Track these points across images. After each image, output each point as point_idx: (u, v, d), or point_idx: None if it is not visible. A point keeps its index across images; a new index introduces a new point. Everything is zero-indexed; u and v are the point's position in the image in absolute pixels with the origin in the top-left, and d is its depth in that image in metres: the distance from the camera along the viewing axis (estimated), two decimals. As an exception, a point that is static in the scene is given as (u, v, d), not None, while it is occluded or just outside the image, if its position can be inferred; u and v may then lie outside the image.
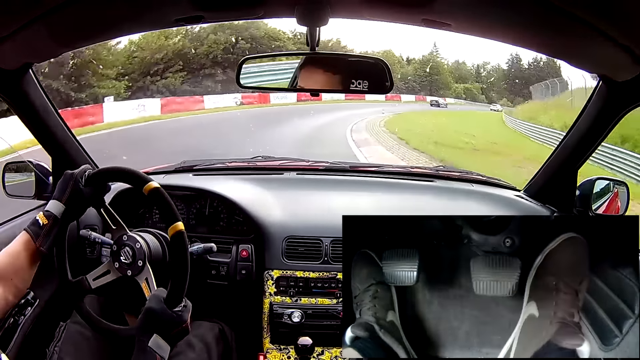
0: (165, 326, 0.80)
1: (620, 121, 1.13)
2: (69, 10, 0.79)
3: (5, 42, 0.84)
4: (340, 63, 0.97)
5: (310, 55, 0.96)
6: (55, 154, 1.33)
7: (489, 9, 0.81)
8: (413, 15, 0.89)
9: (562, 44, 0.89)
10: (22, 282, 0.85)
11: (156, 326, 0.80)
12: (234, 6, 0.91)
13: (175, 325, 0.81)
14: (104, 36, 1.04)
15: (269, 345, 1.24)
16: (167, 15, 0.91)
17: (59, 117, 1.28)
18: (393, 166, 1.70)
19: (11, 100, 1.13)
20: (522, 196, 1.51)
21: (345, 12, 0.94)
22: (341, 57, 0.97)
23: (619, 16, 0.70)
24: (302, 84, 0.98)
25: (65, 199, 0.88)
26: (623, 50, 0.79)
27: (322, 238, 1.27)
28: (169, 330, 0.81)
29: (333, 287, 1.25)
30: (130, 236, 0.95)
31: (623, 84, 0.99)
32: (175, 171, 1.60)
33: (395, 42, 67.48)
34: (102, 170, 0.94)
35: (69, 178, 0.90)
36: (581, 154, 1.27)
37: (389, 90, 0.94)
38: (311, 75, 0.97)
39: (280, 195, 1.46)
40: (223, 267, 1.29)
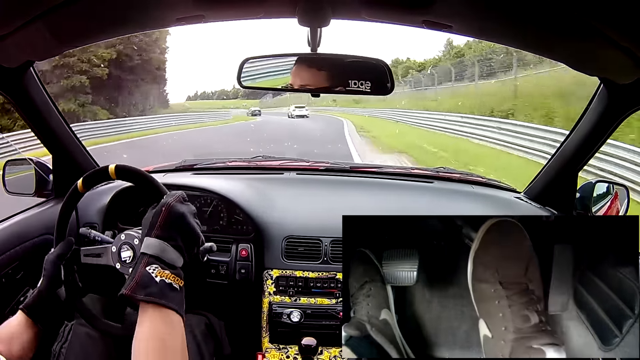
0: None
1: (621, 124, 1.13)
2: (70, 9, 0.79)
3: (7, 39, 0.84)
4: (341, 64, 0.96)
5: (311, 55, 0.97)
6: (55, 151, 1.33)
7: (490, 11, 0.82)
8: (414, 16, 0.89)
9: (563, 46, 0.89)
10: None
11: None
12: (235, 6, 0.91)
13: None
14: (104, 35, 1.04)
15: (268, 344, 1.24)
16: (168, 15, 0.92)
17: (60, 115, 1.28)
18: (393, 167, 1.71)
19: (12, 98, 1.13)
20: (522, 198, 1.51)
21: (346, 13, 0.94)
22: (342, 57, 0.97)
23: (619, 18, 0.70)
24: (303, 84, 0.98)
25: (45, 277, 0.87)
26: (624, 52, 0.79)
27: (321, 238, 1.28)
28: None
29: (332, 287, 1.25)
30: (129, 234, 0.95)
31: (624, 86, 0.99)
32: (175, 170, 1.61)
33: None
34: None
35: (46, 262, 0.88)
36: (581, 157, 1.27)
37: (390, 91, 0.94)
38: (312, 75, 0.97)
39: (280, 195, 1.46)
40: (222, 266, 1.29)
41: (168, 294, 0.70)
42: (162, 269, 0.71)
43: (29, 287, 1.19)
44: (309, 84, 0.98)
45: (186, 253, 0.76)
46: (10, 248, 1.13)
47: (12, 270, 1.13)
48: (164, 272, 0.71)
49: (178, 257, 0.75)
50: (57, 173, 1.36)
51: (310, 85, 0.98)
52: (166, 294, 0.70)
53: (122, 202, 1.36)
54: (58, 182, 1.35)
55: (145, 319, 0.69)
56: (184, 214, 0.77)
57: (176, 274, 0.73)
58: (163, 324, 0.69)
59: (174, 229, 0.75)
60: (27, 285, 1.18)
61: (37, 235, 1.20)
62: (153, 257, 0.72)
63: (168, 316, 0.69)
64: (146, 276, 0.70)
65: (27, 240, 1.17)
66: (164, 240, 0.73)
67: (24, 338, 0.81)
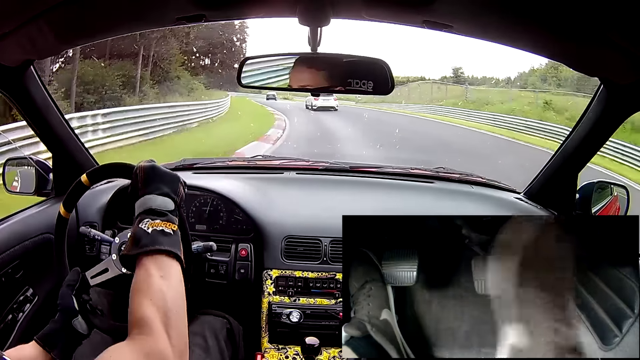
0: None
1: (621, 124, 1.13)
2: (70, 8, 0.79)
3: (7, 38, 0.84)
4: (342, 63, 0.96)
5: (311, 55, 0.97)
6: (55, 150, 1.33)
7: (490, 11, 0.82)
8: (414, 16, 0.89)
9: (563, 46, 0.89)
10: None
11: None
12: (236, 5, 0.91)
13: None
14: (105, 34, 1.04)
15: (267, 344, 1.24)
16: (169, 14, 0.92)
17: (60, 114, 1.28)
18: (393, 167, 1.70)
19: (12, 97, 1.13)
20: (522, 198, 1.51)
21: (347, 12, 0.94)
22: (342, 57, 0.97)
23: (619, 19, 0.70)
24: (303, 83, 0.98)
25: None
26: (624, 53, 0.79)
27: (321, 238, 1.27)
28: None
29: (332, 288, 1.25)
30: None
31: (624, 87, 0.99)
32: (175, 169, 1.60)
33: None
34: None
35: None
36: (582, 157, 1.27)
37: (390, 90, 0.94)
38: (312, 75, 0.97)
39: (280, 194, 1.46)
40: (222, 266, 1.29)
41: (159, 239, 0.70)
42: (152, 220, 0.72)
43: (28, 287, 1.19)
44: (309, 84, 0.98)
45: (173, 195, 0.78)
46: (10, 247, 1.12)
47: (12, 270, 1.13)
48: (154, 222, 0.72)
49: (165, 201, 0.76)
50: (57, 172, 1.35)
51: (310, 84, 0.98)
52: (157, 240, 0.70)
53: (121, 201, 1.36)
54: (58, 181, 1.35)
55: (140, 270, 0.69)
56: (153, 166, 0.80)
57: (167, 219, 0.74)
58: (156, 269, 0.68)
59: (153, 180, 0.78)
60: (27, 284, 1.18)
61: (37, 235, 1.20)
62: (143, 212, 0.74)
63: (162, 260, 0.69)
64: (139, 232, 0.71)
65: (27, 240, 1.17)
66: (148, 194, 0.76)
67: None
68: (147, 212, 0.74)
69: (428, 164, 1.84)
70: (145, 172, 0.79)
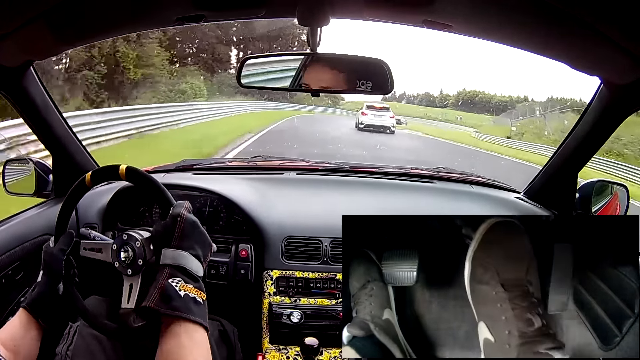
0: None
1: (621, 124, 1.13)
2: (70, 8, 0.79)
3: (7, 39, 0.84)
4: (342, 63, 0.97)
5: (311, 55, 0.97)
6: (55, 151, 1.33)
7: (490, 11, 0.82)
8: (414, 16, 0.89)
9: (563, 46, 0.89)
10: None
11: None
12: (235, 6, 0.91)
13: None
14: (104, 34, 1.04)
15: (268, 345, 1.24)
16: (168, 15, 0.92)
17: (60, 115, 1.28)
18: (393, 167, 1.70)
19: (12, 98, 1.13)
20: (522, 198, 1.51)
21: (346, 12, 0.94)
22: (342, 57, 0.97)
23: (620, 18, 0.70)
24: (303, 83, 0.98)
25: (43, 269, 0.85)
26: (624, 52, 0.79)
27: (321, 238, 1.27)
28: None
29: (332, 288, 1.25)
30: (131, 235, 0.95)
31: (624, 87, 0.99)
32: (175, 170, 1.61)
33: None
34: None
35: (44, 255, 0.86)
36: (581, 157, 1.27)
37: (390, 90, 0.95)
38: (312, 75, 0.97)
39: (280, 195, 1.46)
40: (222, 266, 1.29)
41: (192, 308, 0.69)
42: (185, 283, 0.70)
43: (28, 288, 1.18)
44: (309, 84, 0.98)
45: (204, 262, 0.76)
46: (10, 249, 1.12)
47: (12, 271, 1.13)
48: (187, 286, 0.70)
49: (199, 266, 0.74)
50: (56, 173, 1.35)
51: (310, 84, 0.98)
52: (191, 308, 0.69)
53: (122, 202, 1.36)
54: (58, 182, 1.35)
55: (169, 335, 0.68)
56: (196, 222, 0.77)
57: (198, 287, 0.72)
58: (188, 339, 0.67)
59: (192, 238, 0.75)
60: (27, 286, 1.18)
61: (37, 236, 1.20)
62: (175, 268, 0.71)
63: (194, 331, 0.68)
64: (169, 289, 0.69)
65: (27, 241, 1.17)
66: (184, 250, 0.73)
67: (27, 338, 0.79)
68: (178, 269, 0.72)
69: None
70: (187, 224, 0.75)
